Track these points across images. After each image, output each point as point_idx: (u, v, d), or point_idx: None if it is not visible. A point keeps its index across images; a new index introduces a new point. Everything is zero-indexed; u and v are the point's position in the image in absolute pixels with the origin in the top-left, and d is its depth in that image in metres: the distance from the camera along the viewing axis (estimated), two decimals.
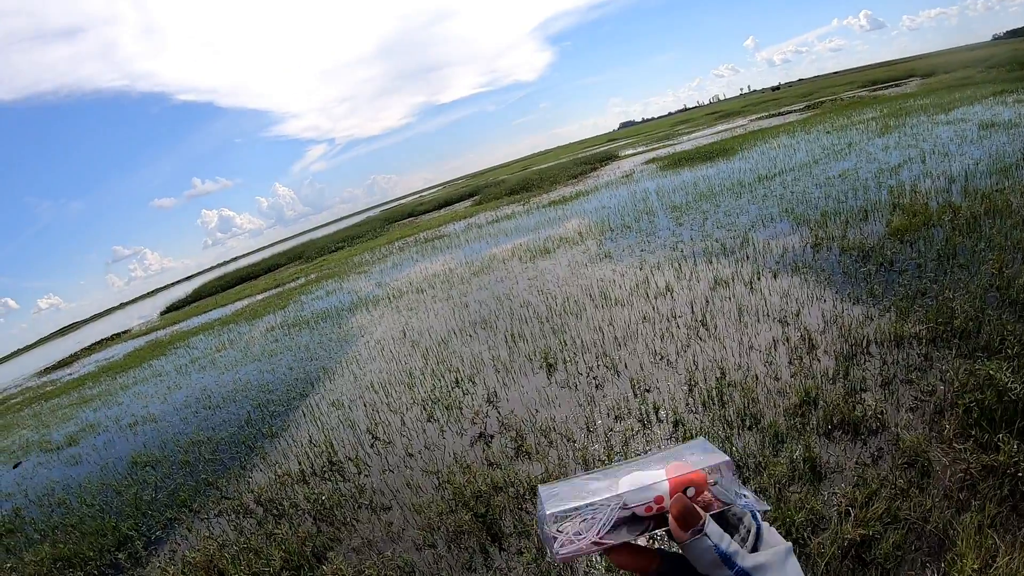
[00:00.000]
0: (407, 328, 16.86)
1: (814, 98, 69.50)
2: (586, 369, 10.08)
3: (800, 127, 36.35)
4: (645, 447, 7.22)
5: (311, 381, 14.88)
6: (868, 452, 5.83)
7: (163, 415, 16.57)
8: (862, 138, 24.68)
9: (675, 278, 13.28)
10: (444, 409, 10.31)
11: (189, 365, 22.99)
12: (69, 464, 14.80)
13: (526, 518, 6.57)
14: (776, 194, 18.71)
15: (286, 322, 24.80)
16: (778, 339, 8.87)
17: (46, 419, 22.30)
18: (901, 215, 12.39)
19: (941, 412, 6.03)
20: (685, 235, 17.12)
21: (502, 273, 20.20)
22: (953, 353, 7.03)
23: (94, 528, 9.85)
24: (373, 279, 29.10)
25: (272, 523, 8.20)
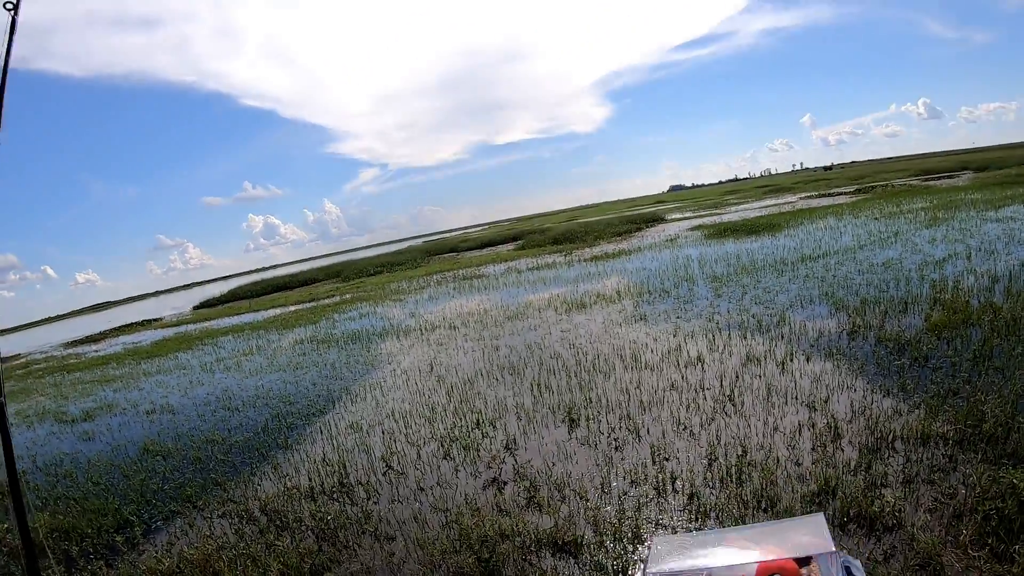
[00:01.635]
0: (435, 362, 16.95)
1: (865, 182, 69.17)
2: (608, 429, 10.08)
3: (849, 210, 36.26)
4: (657, 515, 7.19)
5: (333, 400, 15.00)
6: (881, 549, 5.77)
7: (181, 408, 16.77)
8: (909, 228, 24.57)
9: (707, 349, 13.26)
10: (462, 448, 10.35)
11: (214, 364, 23.26)
12: (81, 439, 15.03)
13: (529, 570, 6.55)
14: (818, 276, 18.66)
15: (315, 337, 25.02)
16: (804, 423, 8.81)
17: (66, 391, 22.58)
18: (941, 311, 12.31)
19: (960, 516, 5.96)
20: (722, 307, 17.12)
21: (536, 321, 20.27)
22: (979, 457, 6.95)
23: (96, 506, 10.01)
24: (407, 308, 29.36)
25: (274, 534, 8.26)
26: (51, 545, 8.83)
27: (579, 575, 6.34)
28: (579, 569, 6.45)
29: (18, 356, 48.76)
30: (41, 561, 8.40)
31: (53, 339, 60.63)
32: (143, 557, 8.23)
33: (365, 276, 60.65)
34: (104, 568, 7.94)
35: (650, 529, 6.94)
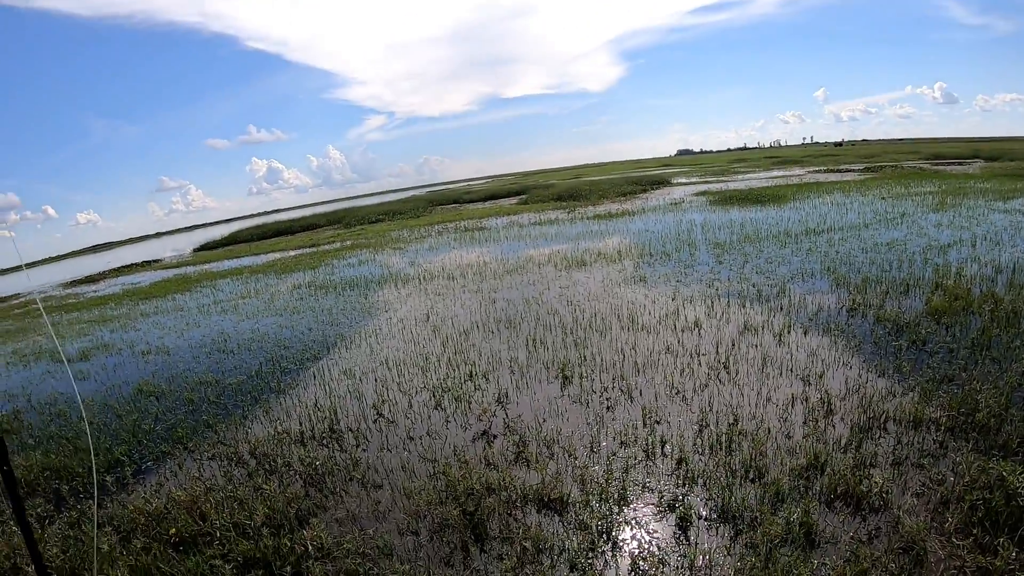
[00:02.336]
0: (431, 312, 16.97)
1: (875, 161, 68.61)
2: (600, 388, 10.08)
3: (856, 188, 36.03)
4: (646, 478, 7.20)
5: (328, 346, 15.00)
6: (866, 529, 5.78)
7: (177, 350, 16.73)
8: (916, 210, 24.42)
9: (705, 315, 13.24)
10: (453, 400, 10.37)
11: (211, 306, 23.18)
12: (76, 378, 14.98)
13: (513, 525, 6.56)
14: (821, 250, 18.57)
15: (314, 283, 24.99)
16: (797, 397, 8.80)
17: (63, 331, 22.50)
18: (942, 296, 12.25)
19: (946, 504, 5.96)
20: (723, 274, 17.07)
21: (535, 276, 20.27)
22: (969, 446, 6.94)
23: (87, 446, 9.96)
24: (407, 257, 29.29)
25: (262, 478, 8.28)
26: (42, 484, 8.89)
27: (563, 533, 6.36)
28: (563, 527, 6.47)
29: (17, 296, 48.63)
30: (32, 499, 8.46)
31: (53, 279, 60.30)
32: (132, 497, 8.22)
33: (367, 224, 60.40)
34: (93, 508, 7.94)
35: (637, 492, 6.95)
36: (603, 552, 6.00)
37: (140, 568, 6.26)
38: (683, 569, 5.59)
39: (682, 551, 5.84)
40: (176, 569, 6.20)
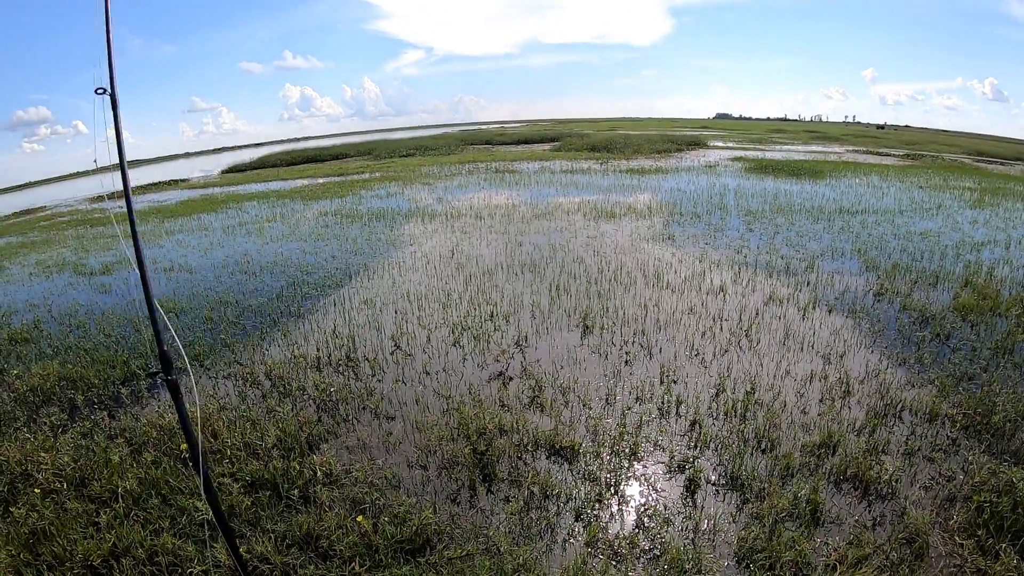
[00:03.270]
0: (456, 250, 16.98)
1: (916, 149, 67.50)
2: (621, 342, 10.12)
3: (895, 173, 35.51)
4: (658, 436, 7.26)
5: (350, 274, 15.07)
6: (871, 515, 5.83)
7: (199, 268, 16.77)
8: (953, 204, 24.06)
9: (731, 281, 13.21)
10: (472, 338, 10.44)
11: (236, 227, 23.15)
12: (98, 291, 15.08)
13: (522, 468, 6.66)
14: (853, 231, 18.37)
15: (340, 211, 24.93)
16: (816, 374, 8.81)
17: (87, 244, 22.51)
18: (971, 293, 12.13)
19: (953, 501, 5.99)
20: (752, 242, 16.96)
21: (563, 224, 20.18)
22: (982, 448, 6.94)
23: (105, 357, 10.09)
24: (435, 193, 29.13)
25: (276, 400, 8.38)
26: (57, 393, 9.00)
27: (571, 481, 6.45)
28: (572, 475, 6.56)
29: (43, 208, 48.65)
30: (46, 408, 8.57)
31: (79, 194, 60.11)
32: (145, 411, 8.35)
33: (397, 157, 59.85)
34: (106, 419, 8.04)
35: (648, 449, 7.02)
36: (609, 505, 6.09)
37: (149, 481, 6.36)
38: (687, 531, 5.67)
39: (688, 513, 5.92)
40: (184, 484, 6.31)
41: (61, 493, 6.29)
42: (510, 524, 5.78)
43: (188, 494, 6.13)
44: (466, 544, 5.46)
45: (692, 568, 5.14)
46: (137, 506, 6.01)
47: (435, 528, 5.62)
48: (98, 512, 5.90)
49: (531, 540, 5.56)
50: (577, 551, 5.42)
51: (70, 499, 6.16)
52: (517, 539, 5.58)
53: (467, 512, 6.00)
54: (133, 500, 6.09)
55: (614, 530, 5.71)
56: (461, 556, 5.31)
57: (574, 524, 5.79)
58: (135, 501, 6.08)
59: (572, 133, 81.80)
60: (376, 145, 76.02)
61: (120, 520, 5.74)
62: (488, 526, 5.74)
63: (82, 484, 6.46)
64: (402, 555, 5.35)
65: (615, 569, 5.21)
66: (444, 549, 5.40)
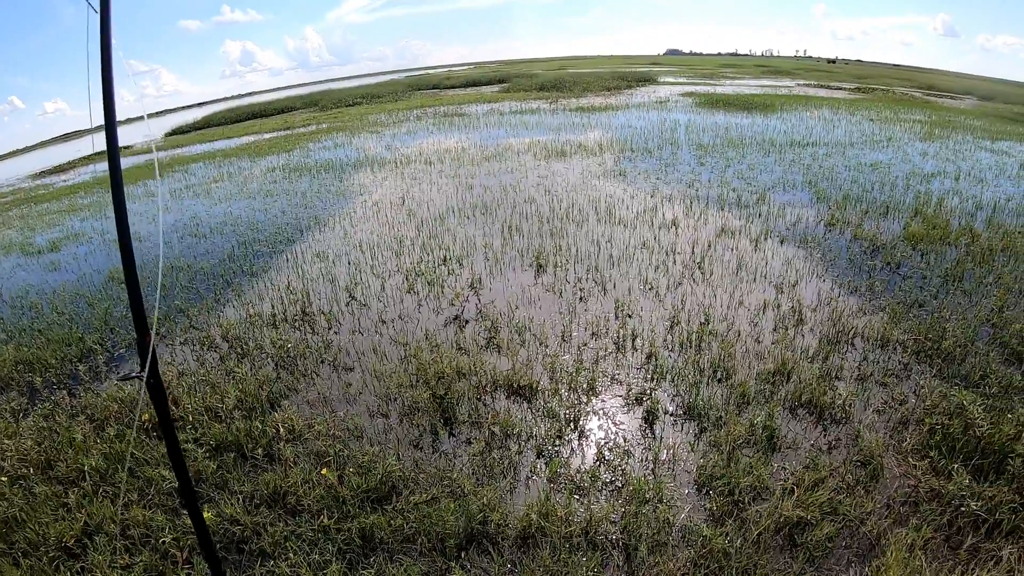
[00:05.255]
0: (407, 196, 16.79)
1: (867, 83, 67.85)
2: (575, 279, 10.12)
3: (845, 106, 35.69)
4: (615, 370, 7.27)
5: (301, 229, 14.82)
6: (826, 439, 5.89)
7: (148, 236, 16.31)
8: (903, 136, 24.24)
9: (683, 215, 13.21)
10: (426, 284, 10.37)
11: (183, 190, 22.45)
12: (47, 269, 14.54)
13: (483, 410, 6.63)
14: (804, 163, 18.46)
15: (288, 166, 24.46)
16: (769, 303, 8.88)
17: (32, 222, 21.69)
18: (920, 223, 12.25)
19: (906, 424, 6.07)
20: (704, 176, 16.97)
21: (513, 164, 20.08)
22: (932, 372, 7.04)
23: (61, 336, 9.77)
24: (384, 141, 28.73)
25: (234, 361, 8.24)
26: (15, 378, 8.70)
27: (531, 420, 6.45)
28: (532, 414, 6.56)
29: None
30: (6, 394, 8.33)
31: (21, 171, 58.04)
32: (104, 385, 8.13)
33: (344, 107, 58.96)
34: (66, 397, 7.82)
35: (606, 384, 7.03)
36: (570, 440, 6.11)
37: (114, 455, 6.22)
38: (647, 462, 5.71)
39: (647, 444, 5.96)
40: (149, 454, 6.18)
41: (28, 478, 6.12)
42: (473, 466, 5.76)
43: (154, 464, 6.02)
44: (431, 488, 5.43)
45: (653, 497, 5.16)
46: (105, 482, 5.89)
47: (400, 475, 5.58)
48: (67, 493, 5.76)
49: (495, 480, 5.54)
50: (540, 488, 5.42)
51: (38, 483, 6.00)
52: (481, 480, 5.56)
53: (430, 457, 5.97)
54: (100, 476, 5.97)
55: (575, 465, 5.72)
56: (427, 500, 5.28)
57: (536, 461, 5.79)
58: (102, 477, 5.96)
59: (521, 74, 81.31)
60: (322, 96, 74.73)
61: (89, 498, 5.62)
62: (452, 469, 5.71)
63: (48, 466, 6.29)
64: (369, 504, 5.31)
65: (578, 503, 5.22)
66: (410, 495, 5.36)
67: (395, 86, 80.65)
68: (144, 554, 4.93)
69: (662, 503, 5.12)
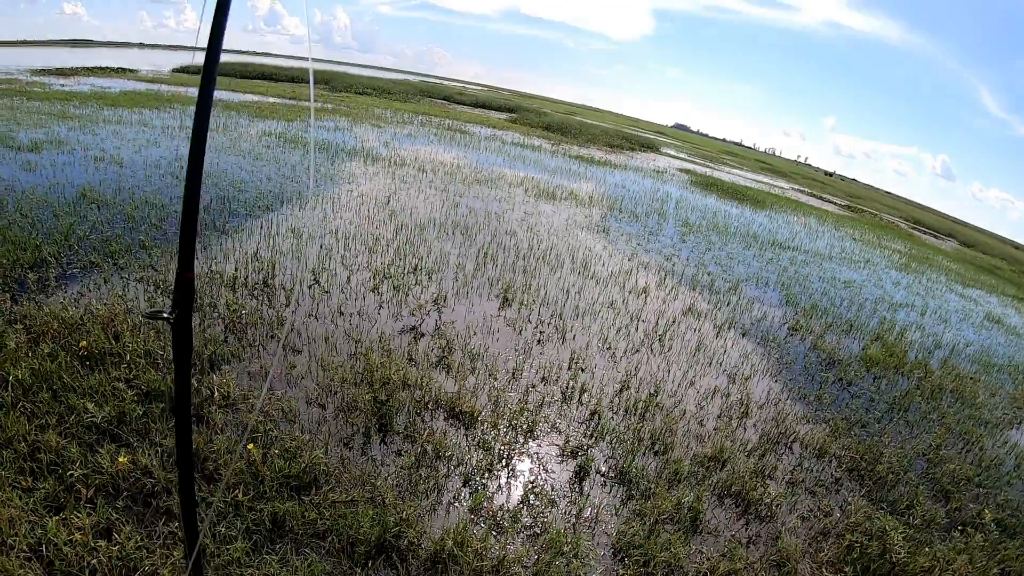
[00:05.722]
0: (393, 197, 16.77)
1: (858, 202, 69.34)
2: (537, 320, 10.12)
3: (832, 220, 36.33)
4: (557, 419, 7.27)
5: (282, 200, 14.73)
6: (747, 533, 5.92)
7: (130, 163, 16.07)
8: (881, 262, 24.74)
9: (655, 285, 13.29)
10: (392, 288, 10.31)
11: (176, 129, 22.32)
12: (22, 168, 14.19)
13: (420, 425, 6.58)
14: (781, 264, 18.72)
15: (285, 135, 24.34)
16: (720, 390, 8.95)
17: (20, 117, 21.27)
18: (879, 348, 12.45)
19: (827, 535, 6.13)
20: (683, 253, 17.11)
21: (503, 194, 20.17)
22: (862, 491, 7.13)
23: (17, 238, 9.49)
24: (383, 137, 28.83)
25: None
26: None
27: (465, 446, 6.40)
28: (467, 440, 6.52)
29: None
30: None
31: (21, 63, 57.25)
32: (50, 300, 7.90)
33: (354, 93, 59.04)
34: (8, 302, 7.64)
35: (545, 429, 7.02)
36: (499, 476, 6.07)
37: (42, 373, 6.04)
38: (570, 516, 5.68)
39: (573, 498, 5.93)
40: (79, 383, 6.02)
41: None
42: (399, 478, 5.70)
43: (80, 394, 5.88)
44: (352, 490, 5.36)
45: (569, 551, 5.14)
46: (26, 398, 5.73)
47: (324, 468, 5.49)
48: None
49: (417, 497, 5.48)
50: (460, 515, 5.37)
51: None
52: (404, 493, 5.50)
53: (358, 458, 5.89)
54: (23, 391, 5.80)
55: (499, 501, 5.68)
56: (346, 501, 5.21)
57: (461, 489, 5.75)
58: (24, 392, 5.80)
59: (531, 108, 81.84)
60: (335, 76, 74.38)
61: (6, 410, 5.46)
62: (377, 476, 5.64)
63: None
64: (288, 490, 5.21)
65: (494, 539, 5.18)
66: (330, 491, 5.28)
67: (407, 87, 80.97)
68: (49, 481, 4.79)
69: (577, 559, 5.10)
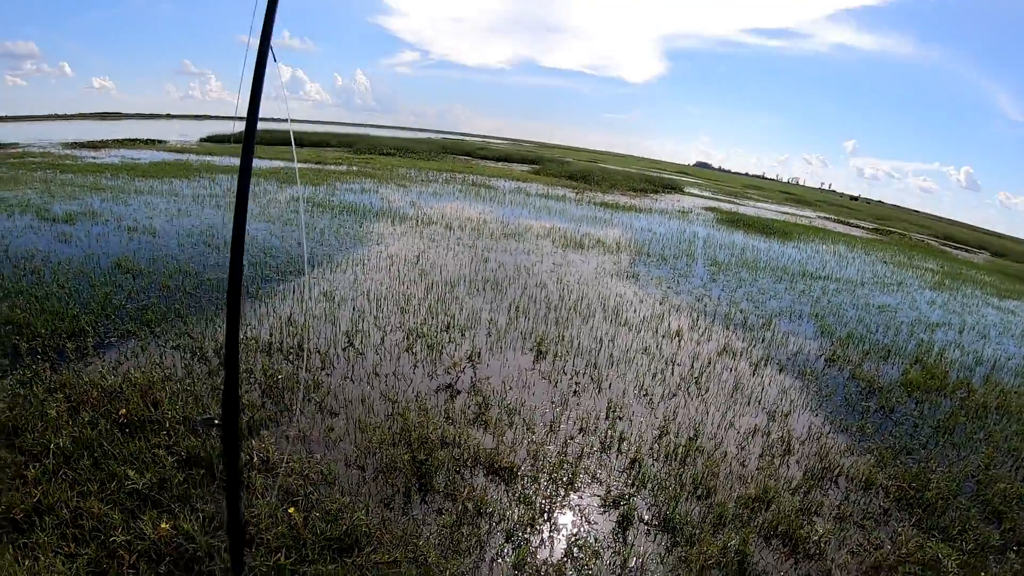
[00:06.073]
0: (422, 256, 16.98)
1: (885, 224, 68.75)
2: (572, 371, 10.15)
3: (861, 245, 36.12)
4: (597, 469, 7.26)
5: (312, 264, 14.99)
6: (797, 573, 5.86)
7: (163, 233, 16.56)
8: (914, 283, 24.52)
9: (688, 327, 13.29)
10: (426, 347, 10.39)
11: (207, 198, 22.86)
12: (58, 239, 14.77)
13: (460, 483, 6.61)
14: (813, 295, 18.64)
15: (312, 199, 24.84)
16: (760, 429, 8.89)
17: (54, 189, 21.97)
18: (920, 371, 12.32)
19: (878, 569, 6.04)
20: (714, 292, 17.11)
21: (531, 246, 20.33)
22: (912, 520, 7.03)
23: (56, 308, 9.91)
24: (409, 197, 29.20)
25: (222, 378, 8.22)
26: (1, 336, 8.82)
27: (506, 501, 6.42)
28: (508, 496, 6.53)
29: (15, 145, 47.58)
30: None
31: (55, 136, 58.75)
32: (89, 369, 8.17)
33: (377, 154, 59.93)
34: (48, 370, 7.86)
35: (586, 481, 7.02)
36: (541, 530, 6.07)
37: (83, 441, 6.24)
38: (615, 567, 5.66)
39: (617, 549, 5.91)
40: (119, 450, 6.18)
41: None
42: (441, 536, 5.73)
43: (120, 461, 6.01)
44: (395, 550, 5.39)
45: None
46: (68, 465, 5.89)
47: (365, 530, 5.54)
48: (27, 465, 5.77)
49: (460, 555, 5.51)
50: (504, 572, 5.39)
51: (0, 447, 6.03)
52: (446, 552, 5.52)
53: (399, 519, 5.93)
54: (64, 458, 5.97)
55: (543, 556, 5.68)
56: (388, 562, 5.25)
57: (504, 545, 5.76)
58: (66, 459, 5.96)
59: (553, 158, 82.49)
60: (358, 139, 75.96)
61: (49, 476, 5.62)
62: (419, 535, 5.67)
63: (14, 433, 6.31)
64: (330, 553, 5.27)
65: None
66: (372, 552, 5.33)
67: (430, 145, 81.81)
68: (91, 547, 4.90)
69: None
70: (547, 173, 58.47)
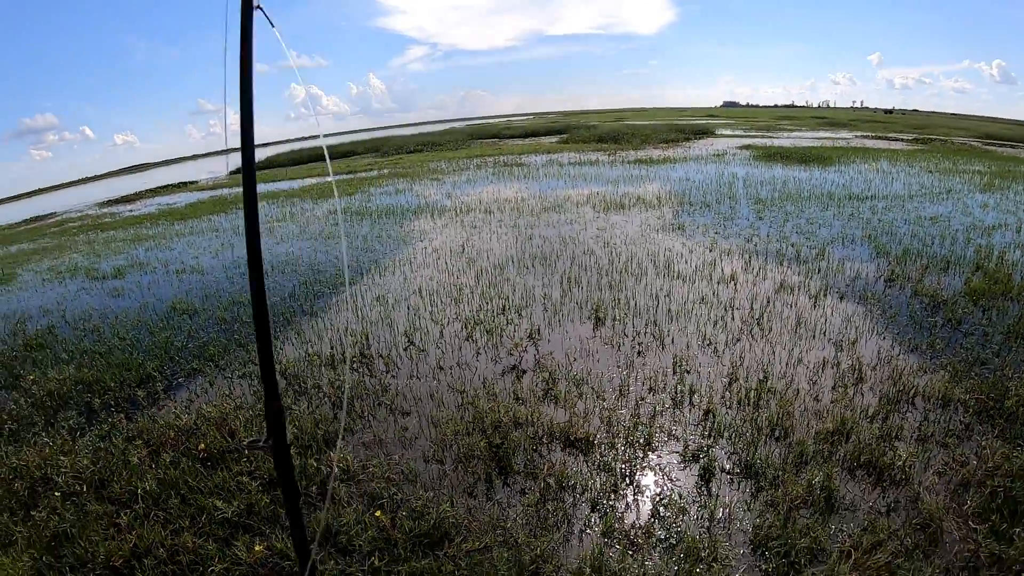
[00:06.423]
0: (467, 245, 17.07)
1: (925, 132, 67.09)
2: (633, 332, 10.17)
3: (903, 158, 35.34)
4: (672, 426, 7.31)
5: (360, 271, 15.15)
6: (885, 501, 5.84)
7: (211, 269, 16.88)
8: (963, 188, 23.93)
9: (742, 270, 13.24)
10: (485, 332, 10.49)
11: None
12: (111, 295, 15.13)
13: (538, 460, 6.72)
14: (863, 217, 18.35)
15: (349, 209, 25.03)
16: (829, 361, 8.84)
17: (98, 248, 22.47)
18: (982, 278, 12.10)
19: (967, 486, 5.99)
20: (763, 230, 16.96)
21: (572, 216, 20.28)
22: (995, 432, 6.93)
23: (121, 360, 10.19)
24: (444, 189, 29.28)
25: (291, 398, 8.45)
26: (74, 397, 9.09)
27: (587, 472, 6.50)
28: (587, 466, 6.61)
29: (53, 215, 48.60)
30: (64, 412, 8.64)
31: (89, 199, 59.85)
32: (162, 412, 8.42)
33: (405, 153, 60.11)
34: (123, 420, 8.11)
35: (663, 439, 7.07)
36: (625, 495, 6.14)
37: (168, 481, 6.45)
38: (703, 520, 5.71)
39: (703, 502, 5.95)
40: (203, 483, 6.38)
41: (81, 495, 6.37)
42: (527, 516, 5.83)
43: (207, 493, 6.21)
44: (484, 537, 5.51)
45: (708, 556, 5.18)
46: (157, 506, 6.09)
47: (452, 521, 5.67)
48: (118, 513, 5.97)
49: (548, 531, 5.60)
50: (594, 541, 5.47)
51: (90, 501, 6.25)
52: (534, 531, 5.63)
53: (484, 505, 6.05)
54: (153, 500, 6.18)
55: (630, 520, 5.76)
56: (479, 548, 5.36)
57: (590, 515, 5.85)
58: (155, 501, 6.17)
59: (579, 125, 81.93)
60: (384, 142, 76.08)
61: (140, 520, 5.83)
62: (505, 518, 5.79)
63: (102, 486, 6.54)
64: (421, 549, 5.40)
65: (632, 559, 5.25)
66: (462, 542, 5.44)
67: (455, 134, 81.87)
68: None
69: (716, 562, 5.14)
70: (576, 140, 58.10)
